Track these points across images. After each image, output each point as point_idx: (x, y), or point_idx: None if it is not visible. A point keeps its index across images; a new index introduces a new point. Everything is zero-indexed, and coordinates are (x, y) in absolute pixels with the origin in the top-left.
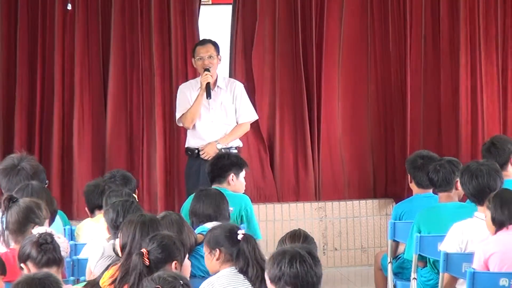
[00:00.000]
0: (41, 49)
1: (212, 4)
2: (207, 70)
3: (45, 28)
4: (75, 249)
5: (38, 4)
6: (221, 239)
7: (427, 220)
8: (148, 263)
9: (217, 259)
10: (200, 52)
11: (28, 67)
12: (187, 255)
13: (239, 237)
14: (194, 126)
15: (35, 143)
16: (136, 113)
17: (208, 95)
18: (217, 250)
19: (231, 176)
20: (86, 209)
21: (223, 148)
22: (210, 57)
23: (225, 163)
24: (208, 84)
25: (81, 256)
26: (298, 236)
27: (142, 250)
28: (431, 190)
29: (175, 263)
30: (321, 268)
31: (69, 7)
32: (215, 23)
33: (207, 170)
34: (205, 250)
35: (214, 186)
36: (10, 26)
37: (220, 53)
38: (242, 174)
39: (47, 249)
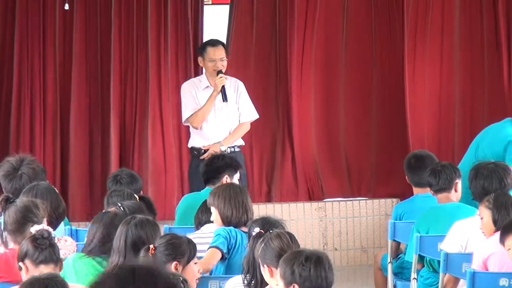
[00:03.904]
0: (39, 48)
1: (212, 4)
2: (220, 72)
3: (45, 27)
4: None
5: (36, 3)
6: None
7: (426, 220)
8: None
9: None
10: (212, 54)
11: (27, 66)
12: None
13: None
14: (200, 126)
15: (34, 143)
16: (138, 112)
17: (225, 98)
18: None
19: (225, 177)
20: None
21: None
22: (222, 59)
23: (219, 165)
24: (223, 86)
25: None
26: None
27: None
28: None
29: (176, 264)
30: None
31: (66, 7)
32: (215, 23)
33: (201, 171)
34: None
35: (208, 188)
36: (6, 25)
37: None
38: (236, 175)
39: (43, 244)
